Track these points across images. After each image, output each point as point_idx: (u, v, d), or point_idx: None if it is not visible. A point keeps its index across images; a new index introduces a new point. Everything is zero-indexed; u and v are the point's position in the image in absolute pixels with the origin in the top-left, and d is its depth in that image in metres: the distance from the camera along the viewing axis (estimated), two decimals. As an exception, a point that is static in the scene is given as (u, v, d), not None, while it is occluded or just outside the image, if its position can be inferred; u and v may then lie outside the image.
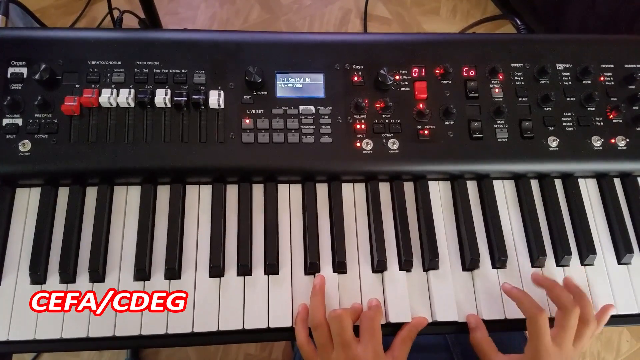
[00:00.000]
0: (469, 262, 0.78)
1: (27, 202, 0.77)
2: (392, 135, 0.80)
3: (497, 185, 0.84)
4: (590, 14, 1.70)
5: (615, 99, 0.84)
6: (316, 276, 0.76)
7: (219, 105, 0.78)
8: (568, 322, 0.71)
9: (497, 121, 0.82)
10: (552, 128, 0.82)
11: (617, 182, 0.86)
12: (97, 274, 0.73)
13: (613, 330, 1.75)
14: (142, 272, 0.74)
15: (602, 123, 0.83)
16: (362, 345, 0.70)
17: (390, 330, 0.75)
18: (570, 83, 0.85)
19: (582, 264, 0.81)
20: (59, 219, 0.77)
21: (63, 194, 0.78)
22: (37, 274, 0.72)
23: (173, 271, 0.74)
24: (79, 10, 1.93)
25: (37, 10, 1.08)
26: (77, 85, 0.77)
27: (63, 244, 0.74)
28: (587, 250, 0.80)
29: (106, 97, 0.75)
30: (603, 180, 0.85)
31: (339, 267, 0.77)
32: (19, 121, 0.75)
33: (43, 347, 0.73)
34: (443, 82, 0.83)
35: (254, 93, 0.80)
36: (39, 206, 0.76)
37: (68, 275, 0.73)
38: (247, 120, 0.78)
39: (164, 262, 0.75)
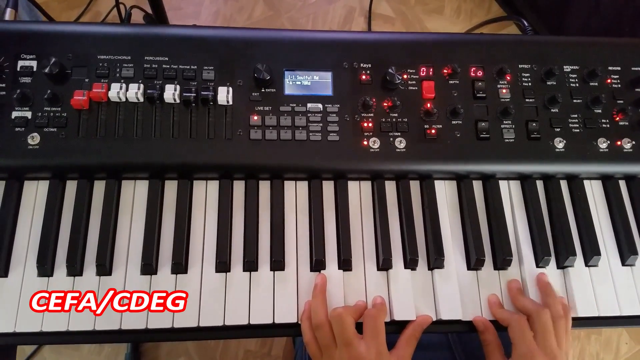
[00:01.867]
0: (474, 262, 0.78)
1: (34, 195, 0.77)
2: (399, 134, 0.81)
3: (503, 185, 0.85)
4: (594, 14, 1.71)
5: (621, 102, 0.85)
6: (317, 276, 0.76)
7: (228, 102, 0.78)
8: (540, 324, 0.72)
9: (504, 122, 0.82)
10: (559, 129, 0.82)
11: (622, 184, 0.86)
12: (104, 268, 0.73)
13: (612, 332, 1.76)
14: (149, 267, 0.74)
15: (608, 125, 0.83)
16: (365, 344, 0.70)
17: (395, 328, 0.75)
18: (577, 85, 0.85)
19: (586, 265, 0.81)
20: (67, 212, 0.77)
21: (71, 187, 0.78)
22: (45, 267, 0.72)
23: (180, 266, 0.74)
24: (83, 4, 1.93)
25: (40, 4, 1.08)
26: (87, 80, 0.77)
27: (70, 237, 0.74)
28: (591, 252, 0.80)
29: (115, 91, 0.76)
30: (608, 182, 0.86)
31: (345, 264, 0.77)
32: (28, 114, 0.75)
33: (49, 340, 0.73)
34: (451, 82, 0.84)
35: (262, 90, 0.80)
36: (47, 199, 0.76)
37: (75, 268, 0.73)
38: (255, 117, 0.79)
39: (171, 256, 0.75)
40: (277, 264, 0.76)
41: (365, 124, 0.80)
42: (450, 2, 2.14)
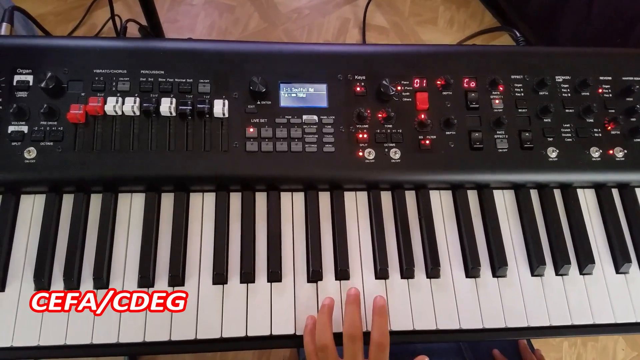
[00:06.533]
0: (470, 271, 0.79)
1: (31, 209, 0.78)
2: (393, 144, 0.81)
3: (497, 195, 0.85)
4: (585, 25, 1.72)
5: (613, 111, 0.86)
6: (325, 297, 0.76)
7: (224, 114, 0.79)
8: None
9: (497, 132, 0.83)
10: (552, 139, 0.83)
11: (615, 192, 0.87)
12: (101, 281, 0.73)
13: (608, 339, 1.76)
14: (146, 279, 0.74)
15: (600, 134, 0.84)
16: None
17: (393, 338, 0.75)
18: (569, 95, 0.86)
19: (580, 273, 0.81)
20: (64, 226, 0.77)
21: (67, 201, 0.78)
22: (41, 281, 0.73)
23: (177, 278, 0.74)
24: (79, 17, 1.94)
25: (36, 17, 1.09)
26: (83, 94, 0.78)
27: (67, 251, 0.75)
28: (585, 260, 0.81)
29: (112, 105, 0.76)
30: (601, 191, 0.86)
31: (342, 274, 0.77)
32: (25, 129, 0.76)
33: (46, 354, 0.73)
34: (444, 93, 0.85)
35: (258, 102, 0.81)
36: (44, 213, 0.77)
37: (72, 282, 0.73)
38: (251, 129, 0.79)
39: (168, 269, 0.75)
40: (274, 275, 0.76)
41: (360, 135, 0.81)
42: (443, 13, 2.16)
